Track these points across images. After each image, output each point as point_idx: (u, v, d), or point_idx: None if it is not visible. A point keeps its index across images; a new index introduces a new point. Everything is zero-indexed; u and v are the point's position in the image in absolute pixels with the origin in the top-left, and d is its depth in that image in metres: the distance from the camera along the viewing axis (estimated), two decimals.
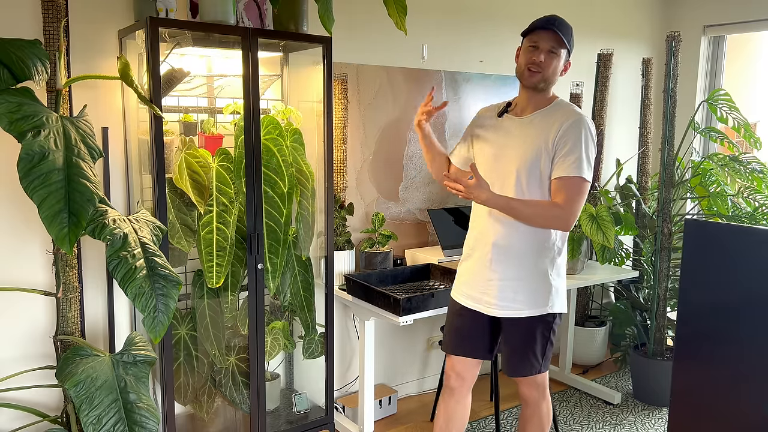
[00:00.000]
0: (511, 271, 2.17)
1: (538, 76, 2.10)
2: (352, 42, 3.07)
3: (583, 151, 2.05)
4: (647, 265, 3.78)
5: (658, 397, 3.39)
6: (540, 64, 2.08)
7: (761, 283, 1.95)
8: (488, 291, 2.20)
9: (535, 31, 2.10)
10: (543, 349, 2.24)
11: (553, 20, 2.09)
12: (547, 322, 2.22)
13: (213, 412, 2.68)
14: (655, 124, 4.05)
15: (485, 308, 2.22)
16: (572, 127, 2.06)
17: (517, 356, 2.25)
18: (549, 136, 2.09)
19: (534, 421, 2.36)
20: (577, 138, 2.06)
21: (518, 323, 2.20)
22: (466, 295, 2.29)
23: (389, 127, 3.25)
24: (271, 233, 2.53)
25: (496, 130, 2.22)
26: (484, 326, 2.28)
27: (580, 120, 2.08)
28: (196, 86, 2.64)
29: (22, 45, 1.94)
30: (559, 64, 2.12)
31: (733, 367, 2.03)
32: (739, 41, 4.39)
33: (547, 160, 2.09)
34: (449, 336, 2.36)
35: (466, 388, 2.37)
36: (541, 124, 2.13)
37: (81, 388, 1.92)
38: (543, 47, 2.08)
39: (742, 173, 3.41)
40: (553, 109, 2.15)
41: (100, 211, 1.91)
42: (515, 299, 2.18)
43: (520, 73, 2.15)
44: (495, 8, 3.53)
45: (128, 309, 2.62)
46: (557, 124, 2.09)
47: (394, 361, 3.45)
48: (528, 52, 2.11)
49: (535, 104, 2.17)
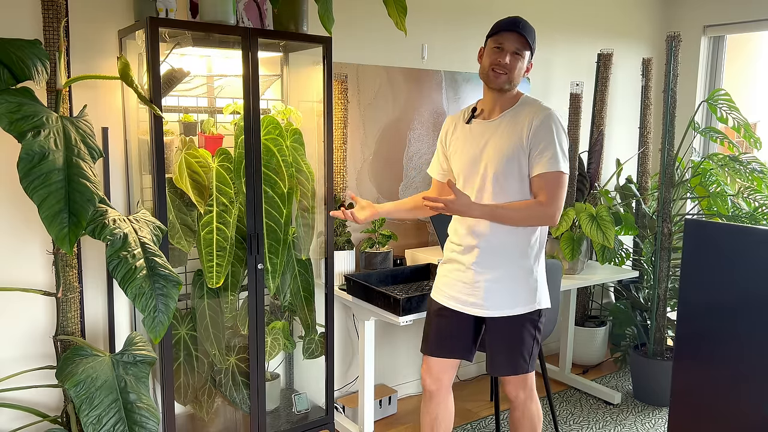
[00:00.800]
0: (496, 271, 2.17)
1: (503, 78, 2.11)
2: (352, 42, 3.08)
3: (557, 146, 2.10)
4: (647, 265, 3.78)
5: (658, 397, 3.39)
6: (505, 65, 2.10)
7: (761, 283, 1.95)
8: (474, 292, 2.20)
9: (500, 33, 2.11)
10: (530, 348, 2.24)
11: (518, 22, 2.11)
12: (533, 320, 2.22)
13: (213, 412, 2.68)
14: (655, 124, 4.05)
15: (471, 309, 2.21)
16: (543, 124, 2.10)
17: (504, 355, 2.24)
18: (522, 134, 2.11)
19: (525, 424, 2.34)
20: (549, 133, 2.09)
21: (505, 322, 2.20)
22: (448, 296, 2.27)
23: (389, 127, 3.25)
24: (271, 233, 2.53)
25: (466, 136, 2.23)
26: (468, 327, 2.27)
27: (549, 115, 2.12)
28: (196, 86, 2.64)
29: (22, 45, 1.94)
30: (523, 65, 2.14)
31: (733, 367, 2.03)
32: (739, 41, 4.39)
33: (523, 158, 2.11)
34: (429, 337, 2.33)
35: (445, 390, 2.35)
36: (511, 123, 2.15)
37: (81, 388, 1.92)
38: (508, 48, 2.10)
39: (742, 173, 3.42)
40: (520, 108, 2.17)
41: (100, 211, 1.91)
42: (502, 299, 2.18)
43: (485, 75, 2.16)
44: (495, 8, 3.53)
45: (128, 309, 2.62)
46: (527, 121, 2.12)
47: (394, 361, 3.45)
48: (493, 54, 2.13)
49: (502, 105, 2.19)
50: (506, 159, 2.11)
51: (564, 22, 3.85)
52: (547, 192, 2.09)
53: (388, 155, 3.27)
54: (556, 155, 2.09)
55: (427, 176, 3.40)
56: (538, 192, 2.11)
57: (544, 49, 3.81)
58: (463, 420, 3.24)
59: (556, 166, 2.09)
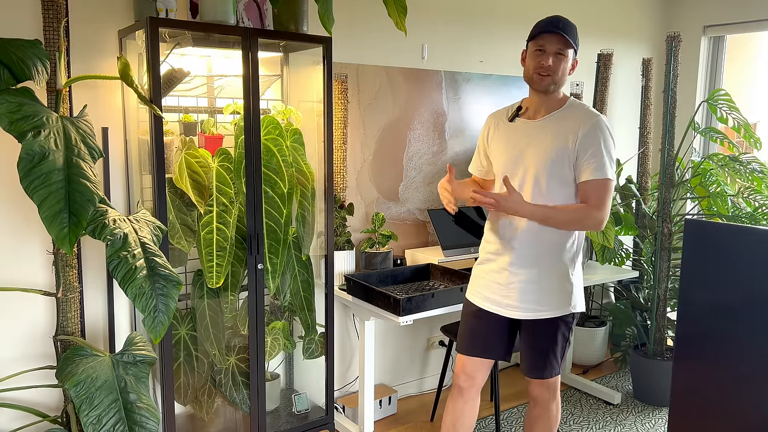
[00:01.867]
0: (532, 274, 2.16)
1: (548, 80, 2.10)
2: (352, 42, 3.07)
3: (605, 153, 2.09)
4: (647, 265, 3.78)
5: (658, 397, 3.39)
6: (549, 68, 2.08)
7: (761, 283, 1.95)
8: (510, 294, 2.19)
9: (541, 35, 2.08)
10: (562, 350, 2.25)
11: (557, 22, 2.07)
12: (567, 323, 2.22)
13: (213, 412, 2.68)
14: (655, 124, 4.05)
15: (506, 311, 2.21)
16: (592, 130, 2.09)
17: (539, 358, 2.24)
18: (569, 139, 2.09)
19: (542, 421, 2.34)
20: (598, 140, 2.09)
21: (540, 324, 2.20)
22: (484, 298, 2.26)
23: (389, 127, 3.25)
24: (271, 233, 2.53)
25: (510, 134, 2.21)
26: (503, 328, 2.27)
27: (599, 122, 2.11)
28: (196, 86, 2.64)
29: (22, 45, 1.94)
30: (567, 64, 2.12)
31: (733, 367, 2.03)
32: (739, 41, 4.39)
33: (568, 163, 2.10)
34: (464, 337, 2.33)
35: (476, 389, 2.34)
36: (557, 126, 2.13)
37: (81, 388, 1.92)
38: (550, 50, 2.08)
39: (742, 173, 3.41)
40: (568, 111, 2.15)
41: (100, 211, 1.91)
42: (538, 301, 2.17)
43: (529, 78, 2.14)
44: (495, 8, 3.54)
45: (128, 309, 2.62)
46: (576, 127, 2.10)
47: (394, 361, 3.45)
48: (535, 57, 2.10)
49: (548, 107, 2.17)
50: (549, 161, 2.10)
51: None
52: (595, 198, 2.09)
53: (388, 155, 3.27)
54: (605, 162, 2.08)
55: (427, 176, 3.40)
56: (586, 198, 2.11)
57: None
58: None
59: (605, 173, 2.08)
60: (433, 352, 3.57)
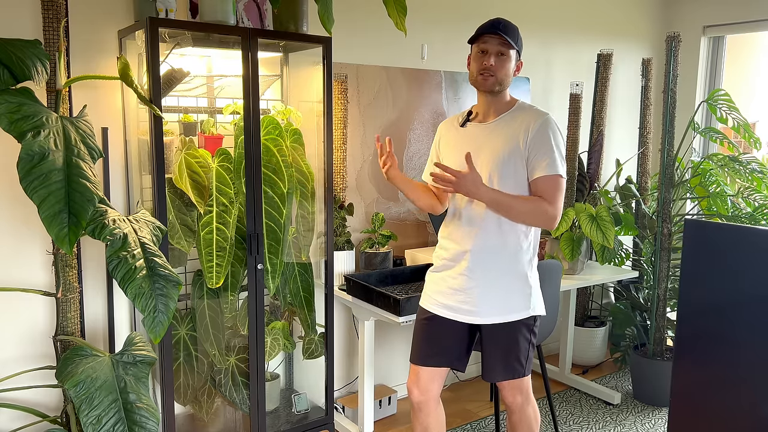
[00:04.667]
0: (489, 277, 2.16)
1: (491, 80, 2.12)
2: (352, 42, 3.08)
3: (555, 150, 2.11)
4: (647, 266, 3.78)
5: (658, 397, 3.39)
6: (490, 68, 2.11)
7: (761, 283, 1.95)
8: (467, 299, 2.17)
9: (482, 37, 2.12)
10: (526, 353, 2.22)
11: (498, 24, 2.11)
12: (529, 325, 2.21)
13: (213, 412, 2.68)
14: (655, 124, 4.05)
15: (464, 317, 2.18)
16: (541, 128, 2.11)
17: (499, 362, 2.22)
18: (519, 138, 2.12)
19: (523, 428, 2.33)
20: (547, 138, 2.11)
21: (500, 329, 2.18)
22: (440, 304, 2.23)
23: (389, 127, 3.25)
24: (270, 233, 2.53)
25: (461, 139, 2.23)
26: (461, 334, 2.24)
27: (547, 120, 2.14)
28: (196, 86, 2.64)
29: (22, 45, 1.94)
30: (510, 65, 2.14)
31: (733, 367, 2.03)
32: (739, 41, 4.39)
33: (520, 161, 2.12)
34: (420, 346, 2.28)
35: (434, 401, 2.29)
36: (508, 127, 2.15)
37: (81, 388, 1.92)
38: (491, 51, 2.11)
39: (741, 173, 3.42)
40: (517, 112, 2.18)
41: (100, 211, 1.91)
42: (497, 305, 2.16)
43: (474, 80, 2.17)
44: (495, 8, 3.54)
45: (128, 309, 2.62)
46: (525, 126, 2.12)
47: (394, 361, 3.45)
48: (478, 58, 2.14)
49: (497, 109, 2.19)
50: (502, 162, 2.12)
51: (564, 22, 3.85)
52: (548, 195, 2.11)
53: None
54: (555, 159, 2.10)
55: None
56: (539, 195, 2.12)
57: (544, 49, 3.81)
58: (463, 420, 3.24)
59: (556, 169, 2.10)
60: None
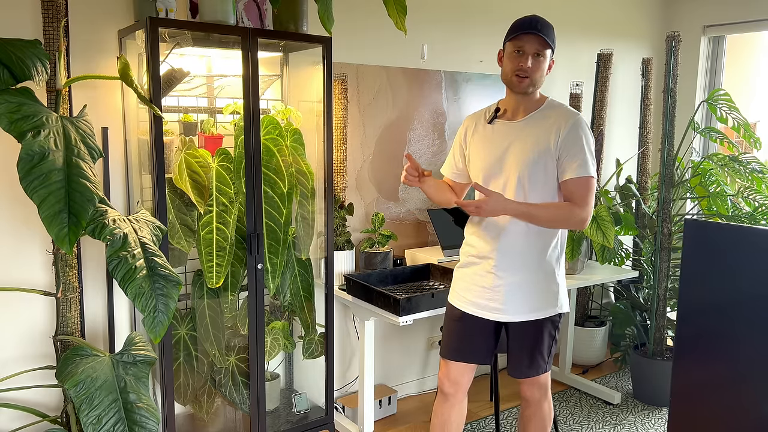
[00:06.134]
0: (517, 276, 2.16)
1: (527, 81, 2.09)
2: (352, 42, 3.07)
3: (587, 151, 2.10)
4: (647, 265, 3.78)
5: (658, 397, 3.39)
6: (528, 69, 2.07)
7: (761, 283, 1.95)
8: (495, 297, 2.17)
9: (519, 36, 2.07)
10: (549, 349, 2.24)
11: (536, 23, 2.05)
12: (554, 322, 2.22)
13: (213, 412, 2.68)
14: (655, 124, 4.05)
15: (492, 314, 2.19)
16: (572, 129, 2.09)
17: (526, 358, 2.23)
18: (550, 138, 2.09)
19: (536, 421, 2.34)
20: (579, 139, 2.09)
21: (527, 326, 2.19)
22: (468, 302, 2.24)
23: (389, 127, 3.25)
24: (270, 233, 2.53)
25: (489, 136, 2.20)
26: (488, 331, 2.26)
27: (578, 120, 2.11)
28: (196, 86, 2.64)
29: (22, 45, 1.93)
30: (545, 65, 2.11)
31: (733, 367, 2.03)
32: (739, 41, 4.39)
33: (551, 162, 2.10)
34: (449, 342, 2.31)
35: (462, 393, 2.33)
36: (537, 126, 2.13)
37: (81, 388, 1.92)
38: (528, 51, 2.06)
39: (741, 173, 3.41)
40: (547, 111, 2.15)
41: (100, 211, 1.91)
42: (525, 303, 2.17)
43: (508, 80, 2.13)
44: (495, 8, 3.53)
45: (128, 309, 2.62)
46: (557, 126, 2.10)
47: (394, 361, 3.45)
48: (513, 58, 2.09)
49: (526, 107, 2.16)
50: (532, 162, 2.09)
51: (564, 22, 3.85)
52: (579, 196, 2.09)
53: (388, 155, 3.27)
54: (587, 161, 2.09)
55: None
56: (570, 196, 2.11)
57: None
58: None
59: (587, 171, 2.08)
60: (433, 352, 3.57)
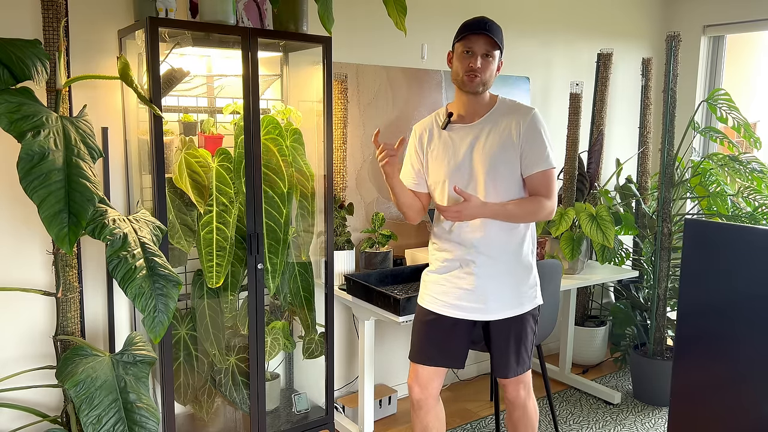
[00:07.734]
0: (500, 273, 2.16)
1: (477, 81, 2.10)
2: (352, 42, 3.07)
3: (547, 144, 2.15)
4: (647, 265, 3.78)
5: (658, 397, 3.39)
6: (477, 69, 2.09)
7: (761, 283, 1.95)
8: (478, 298, 2.16)
9: (467, 36, 2.09)
10: (531, 344, 2.25)
11: (484, 23, 2.08)
12: (534, 316, 2.24)
13: (213, 412, 2.68)
14: (655, 124, 4.05)
15: (474, 315, 2.17)
16: (531, 123, 2.14)
17: (513, 356, 2.22)
18: (512, 133, 2.12)
19: (524, 422, 2.33)
20: (539, 132, 2.14)
21: (511, 322, 2.19)
22: (446, 304, 2.20)
23: (389, 127, 3.25)
24: (270, 233, 2.53)
25: (448, 142, 2.19)
26: (463, 333, 2.23)
27: (535, 114, 2.16)
28: (196, 86, 2.64)
29: (22, 45, 1.93)
30: (494, 66, 2.14)
31: (733, 367, 2.03)
32: (739, 41, 4.39)
33: (515, 156, 2.13)
34: (419, 345, 2.26)
35: (433, 399, 2.29)
36: (497, 123, 2.15)
37: (81, 388, 1.92)
38: (478, 52, 2.09)
39: (741, 173, 3.42)
40: (502, 109, 2.18)
41: (100, 211, 1.91)
42: (507, 300, 2.17)
43: (458, 80, 2.14)
44: (495, 8, 3.54)
45: (128, 309, 2.62)
46: (515, 121, 2.13)
47: (394, 361, 3.45)
48: (463, 58, 2.11)
49: (480, 108, 2.18)
50: (498, 158, 2.11)
51: (564, 22, 3.85)
52: (545, 188, 2.15)
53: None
54: (549, 154, 2.14)
55: None
56: (536, 189, 2.15)
57: (544, 49, 3.81)
58: (463, 420, 3.24)
59: (550, 163, 2.14)
60: None
